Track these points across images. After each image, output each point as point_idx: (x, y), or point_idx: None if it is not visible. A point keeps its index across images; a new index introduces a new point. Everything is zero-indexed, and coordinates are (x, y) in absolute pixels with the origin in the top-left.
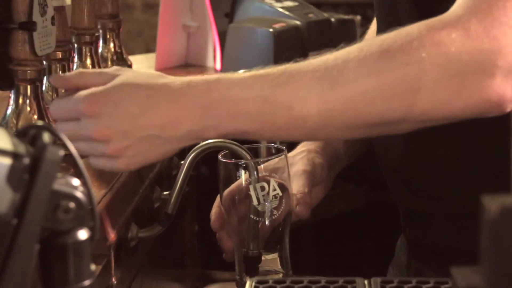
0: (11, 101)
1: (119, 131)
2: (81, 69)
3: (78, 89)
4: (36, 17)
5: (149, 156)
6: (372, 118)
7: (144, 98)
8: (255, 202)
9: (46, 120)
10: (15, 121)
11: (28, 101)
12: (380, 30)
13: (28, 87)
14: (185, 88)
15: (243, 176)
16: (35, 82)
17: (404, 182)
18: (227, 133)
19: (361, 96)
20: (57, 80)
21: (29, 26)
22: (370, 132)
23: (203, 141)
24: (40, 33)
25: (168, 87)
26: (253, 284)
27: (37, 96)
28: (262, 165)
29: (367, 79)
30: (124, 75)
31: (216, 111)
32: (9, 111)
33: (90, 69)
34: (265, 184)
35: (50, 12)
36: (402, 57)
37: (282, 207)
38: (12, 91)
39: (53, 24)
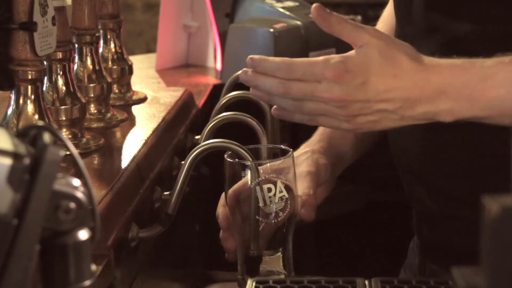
0: (12, 101)
1: (360, 101)
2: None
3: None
4: (37, 17)
5: (378, 126)
6: None
7: (391, 77)
8: (261, 203)
9: (47, 120)
10: (15, 122)
11: (28, 101)
12: (400, 27)
13: (29, 87)
14: (430, 71)
15: (249, 176)
16: (36, 82)
17: (422, 184)
18: (463, 118)
19: None
20: (323, 16)
21: (29, 27)
22: None
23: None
24: (41, 33)
25: (414, 69)
26: (254, 284)
27: (38, 96)
28: (268, 165)
29: None
30: (376, 48)
31: (455, 97)
32: (9, 111)
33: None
34: (272, 186)
35: (50, 12)
36: None
37: (288, 209)
38: (13, 92)
39: (53, 24)
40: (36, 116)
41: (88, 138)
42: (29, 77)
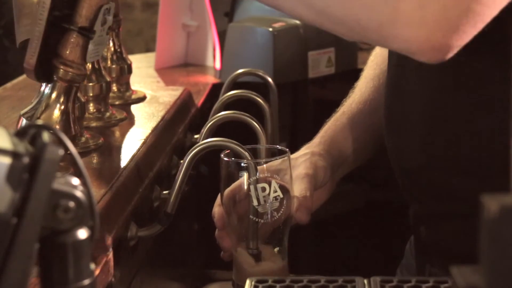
0: (44, 94)
1: None
2: None
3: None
4: (97, 26)
5: None
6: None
7: None
8: (255, 203)
9: (71, 125)
10: (39, 114)
11: (60, 100)
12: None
13: (65, 87)
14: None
15: (245, 176)
16: (73, 85)
17: (420, 184)
18: None
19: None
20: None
21: (88, 34)
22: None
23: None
24: (95, 41)
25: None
26: (253, 283)
27: (69, 98)
28: (264, 166)
29: None
30: None
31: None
32: (37, 101)
33: None
34: (266, 185)
35: (109, 22)
36: None
37: (283, 209)
38: (48, 85)
39: (107, 33)
40: (60, 118)
41: (87, 137)
42: (69, 78)
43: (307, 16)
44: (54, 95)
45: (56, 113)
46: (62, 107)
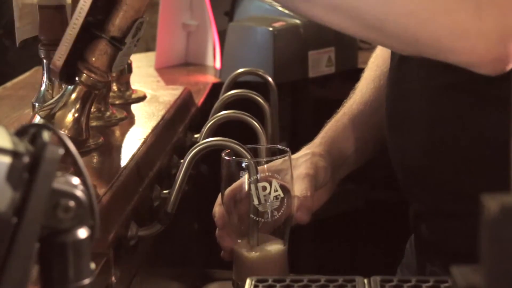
0: (64, 92)
1: None
2: None
3: None
4: (128, 38)
5: None
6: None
7: None
8: (255, 202)
9: (83, 129)
10: (57, 110)
11: (76, 106)
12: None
13: (85, 92)
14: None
15: (246, 176)
16: (93, 91)
17: (421, 183)
18: None
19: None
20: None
21: (118, 45)
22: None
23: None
24: (123, 52)
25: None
26: (253, 282)
27: (86, 104)
28: (265, 166)
29: None
30: None
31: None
32: (55, 99)
33: None
34: (267, 184)
35: (139, 34)
36: None
37: (283, 209)
38: (69, 87)
39: (135, 45)
40: (71, 125)
41: None
42: (90, 83)
43: (357, 32)
44: (73, 96)
45: (70, 117)
46: (76, 114)
